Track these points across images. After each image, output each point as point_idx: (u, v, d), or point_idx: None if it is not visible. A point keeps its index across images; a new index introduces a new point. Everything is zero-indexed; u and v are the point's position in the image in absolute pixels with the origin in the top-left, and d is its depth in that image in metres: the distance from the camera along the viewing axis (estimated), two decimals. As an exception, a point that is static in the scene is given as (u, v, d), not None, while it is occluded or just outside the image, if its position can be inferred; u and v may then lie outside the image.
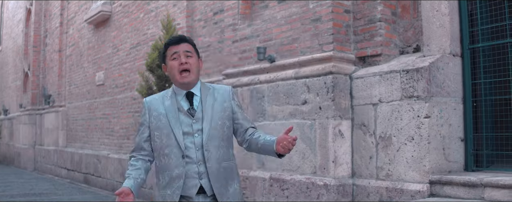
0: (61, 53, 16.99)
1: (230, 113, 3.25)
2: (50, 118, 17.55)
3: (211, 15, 9.11)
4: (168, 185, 3.12)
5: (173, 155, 3.12)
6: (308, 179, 6.13)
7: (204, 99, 3.20)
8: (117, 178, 11.88)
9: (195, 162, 3.10)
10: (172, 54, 3.18)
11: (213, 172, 3.10)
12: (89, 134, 14.52)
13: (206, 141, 3.12)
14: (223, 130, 3.20)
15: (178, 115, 3.16)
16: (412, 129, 5.36)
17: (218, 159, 3.14)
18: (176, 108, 3.18)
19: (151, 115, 3.22)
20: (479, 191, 4.86)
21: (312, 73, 6.24)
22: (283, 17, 6.90)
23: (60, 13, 16.99)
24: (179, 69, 3.15)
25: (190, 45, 3.24)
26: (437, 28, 5.62)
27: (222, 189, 3.13)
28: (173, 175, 3.10)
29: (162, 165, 3.16)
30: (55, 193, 11.87)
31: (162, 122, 3.16)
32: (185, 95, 3.21)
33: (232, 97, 3.29)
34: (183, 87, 3.21)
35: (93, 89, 14.37)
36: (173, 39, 3.26)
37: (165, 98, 3.23)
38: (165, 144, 3.15)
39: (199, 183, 3.10)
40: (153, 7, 11.11)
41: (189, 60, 3.17)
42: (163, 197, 3.15)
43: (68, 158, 15.50)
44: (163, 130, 3.15)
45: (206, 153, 3.11)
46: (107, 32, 13.61)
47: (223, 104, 3.23)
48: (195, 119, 3.15)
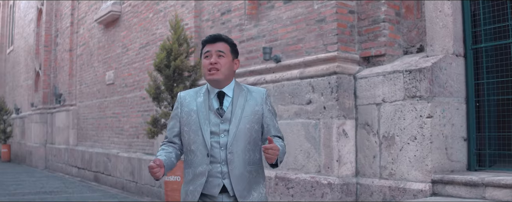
0: (71, 53, 17.16)
1: (260, 116, 3.20)
2: (61, 117, 17.72)
3: (218, 15, 9.19)
4: (191, 182, 3.13)
5: (199, 152, 3.12)
6: (312, 178, 6.20)
7: (235, 100, 3.17)
8: (127, 176, 12.00)
9: (219, 161, 3.09)
10: (205, 53, 3.18)
11: (235, 174, 3.09)
12: (99, 132, 14.66)
13: (231, 142, 3.10)
14: (251, 133, 3.16)
15: (208, 113, 3.15)
16: (415, 128, 5.41)
17: (243, 162, 3.12)
18: (207, 105, 3.17)
19: (183, 110, 3.22)
20: (480, 191, 4.90)
21: (316, 73, 6.30)
22: (288, 17, 6.97)
23: (71, 13, 17.16)
24: (208, 68, 3.14)
25: (227, 44, 3.21)
26: (440, 29, 5.66)
27: (245, 192, 3.12)
28: (197, 172, 3.11)
29: (188, 161, 3.18)
30: (65, 191, 12.01)
31: (192, 118, 3.16)
32: (217, 95, 3.19)
33: (265, 101, 3.24)
34: (213, 86, 3.19)
35: (103, 89, 14.50)
36: (210, 37, 3.23)
37: (199, 94, 3.22)
38: (192, 140, 3.15)
39: (222, 182, 3.09)
40: (162, 7, 11.21)
41: (220, 60, 3.14)
42: (186, 193, 3.16)
43: (78, 157, 15.65)
44: (192, 126, 3.16)
45: (230, 155, 3.09)
46: (116, 32, 13.73)
47: (254, 107, 3.19)
48: (223, 119, 3.14)
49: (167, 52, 8.60)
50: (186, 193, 3.16)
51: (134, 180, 11.67)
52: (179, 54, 8.53)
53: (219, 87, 3.18)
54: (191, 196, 3.12)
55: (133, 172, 11.68)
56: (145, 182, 11.05)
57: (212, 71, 3.13)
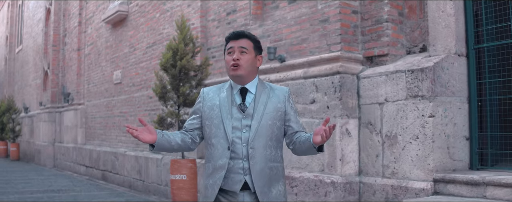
0: (79, 52, 17.28)
1: (282, 114, 3.22)
2: (69, 116, 17.85)
3: (224, 15, 9.26)
4: (211, 175, 3.15)
5: (220, 145, 3.13)
6: (316, 177, 6.26)
7: (258, 97, 3.19)
8: (134, 175, 12.09)
9: (240, 157, 3.10)
10: (228, 49, 3.20)
11: (256, 170, 3.09)
12: (107, 131, 14.76)
13: (252, 138, 3.11)
14: (273, 129, 3.17)
15: (231, 108, 3.17)
16: (417, 128, 5.46)
17: (264, 158, 3.13)
18: (230, 100, 3.19)
19: (206, 104, 3.23)
20: (481, 190, 4.95)
21: (320, 73, 6.36)
22: (293, 17, 7.03)
23: (79, 13, 17.27)
24: (230, 64, 3.15)
25: (250, 41, 3.22)
26: (442, 29, 5.70)
27: (265, 189, 3.11)
28: (217, 165, 3.12)
29: (208, 154, 3.21)
30: (73, 190, 12.11)
31: (214, 112, 3.18)
32: (239, 91, 3.21)
33: (288, 99, 3.26)
34: (236, 81, 3.21)
35: (111, 88, 14.60)
36: (233, 34, 3.25)
37: (222, 90, 3.24)
38: (214, 134, 3.16)
39: (243, 178, 3.10)
40: (169, 7, 11.29)
41: (242, 56, 3.15)
42: (206, 187, 3.18)
43: (86, 155, 15.76)
44: (214, 120, 3.17)
45: (251, 150, 3.10)
46: (124, 31, 13.83)
47: (277, 104, 3.21)
48: (245, 115, 3.15)
49: (173, 52, 8.67)
50: (205, 186, 3.17)
51: (141, 178, 11.76)
52: (185, 54, 8.61)
53: (242, 84, 3.20)
54: (210, 190, 3.13)
55: (140, 171, 11.78)
56: (152, 181, 11.13)
57: (235, 67, 3.14)
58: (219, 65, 9.29)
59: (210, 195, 3.13)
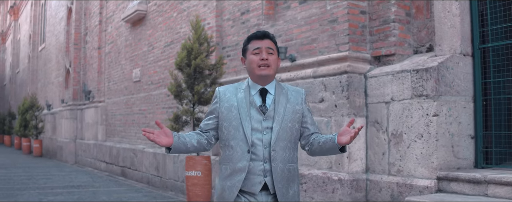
0: (100, 51, 17.59)
1: (300, 116, 3.22)
2: (90, 113, 18.17)
3: (239, 15, 9.41)
4: (229, 177, 3.12)
5: (239, 147, 3.11)
6: (324, 174, 6.39)
7: (278, 98, 3.18)
8: (152, 171, 12.32)
9: (261, 159, 3.08)
10: (254, 49, 3.15)
11: (277, 171, 3.09)
12: (127, 128, 15.02)
13: (274, 141, 3.10)
14: (292, 131, 3.18)
15: (249, 109, 3.14)
16: (421, 126, 5.56)
17: (284, 160, 3.12)
18: (249, 101, 3.16)
19: (223, 105, 3.19)
20: (483, 188, 5.04)
21: (328, 73, 6.49)
22: (303, 18, 7.15)
23: (99, 12, 17.57)
24: (258, 63, 3.12)
25: (272, 42, 3.21)
26: (448, 29, 5.79)
27: (284, 190, 3.12)
28: (236, 167, 3.10)
29: (226, 156, 3.17)
30: (92, 185, 12.38)
31: (233, 113, 3.15)
32: (259, 91, 3.19)
33: (304, 101, 3.27)
34: (259, 82, 3.18)
35: (130, 86, 14.85)
36: (258, 33, 3.22)
37: (239, 90, 3.21)
38: (232, 135, 3.14)
39: (263, 180, 3.09)
40: (185, 7, 11.48)
41: (270, 57, 3.15)
42: (223, 188, 3.15)
43: (106, 152, 16.05)
44: (232, 122, 3.14)
45: (273, 153, 3.09)
46: (143, 30, 14.06)
47: (295, 106, 3.20)
48: (266, 117, 3.14)
49: (188, 51, 8.85)
50: (223, 188, 3.15)
51: (159, 174, 11.98)
52: (199, 53, 8.78)
53: (264, 84, 3.19)
54: (228, 192, 3.12)
55: (158, 167, 12.00)
56: (169, 177, 11.34)
57: (263, 67, 3.12)
58: (234, 64, 9.45)
59: (229, 197, 3.12)
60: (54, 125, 23.42)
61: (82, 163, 18.58)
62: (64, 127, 20.87)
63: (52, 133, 23.81)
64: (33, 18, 30.68)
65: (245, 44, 3.25)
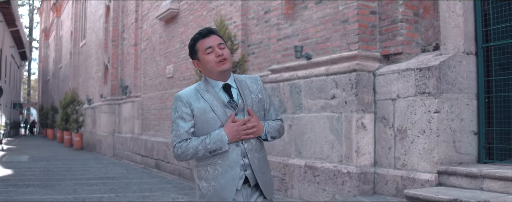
0: (136, 47, 18.15)
1: (263, 103, 3.23)
2: (127, 108, 18.79)
3: (262, 14, 9.76)
4: (222, 175, 3.07)
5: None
6: (335, 167, 6.70)
7: (242, 91, 3.16)
8: (183, 163, 12.78)
9: (240, 154, 3.09)
10: (206, 48, 3.09)
11: (255, 162, 3.11)
12: (161, 122, 15.53)
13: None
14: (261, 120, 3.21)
15: (222, 107, 3.09)
16: (424, 122, 5.81)
17: (257, 150, 3.15)
18: (218, 99, 3.10)
19: (193, 108, 3.09)
20: (479, 182, 5.27)
21: (339, 71, 6.78)
22: (318, 17, 7.46)
23: (135, 10, 18.13)
24: (216, 60, 3.07)
25: (218, 36, 3.17)
26: (452, 28, 6.01)
27: (263, 178, 3.14)
28: (227, 165, 3.06)
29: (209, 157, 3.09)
30: (126, 177, 12.93)
31: (208, 115, 3.08)
32: (222, 88, 3.14)
33: (262, 87, 3.26)
34: (220, 78, 3.13)
35: (164, 81, 15.35)
36: (202, 32, 3.15)
37: (202, 92, 3.12)
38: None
39: (244, 174, 3.10)
40: (214, 6, 11.87)
41: (224, 51, 3.10)
42: (216, 188, 3.08)
43: (142, 145, 16.62)
44: (209, 122, 3.08)
45: (247, 145, 3.10)
46: (175, 28, 14.53)
47: (258, 95, 3.20)
48: (237, 111, 3.11)
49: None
50: (215, 188, 3.08)
51: (189, 167, 12.44)
52: (223, 51, 9.14)
53: (224, 80, 3.14)
54: (225, 190, 3.07)
55: (189, 160, 12.43)
56: (197, 170, 11.76)
57: (222, 62, 3.07)
58: (258, 61, 9.81)
59: (227, 195, 3.08)
60: (94, 119, 24.20)
61: (120, 156, 19.23)
62: (103, 121, 21.60)
63: (92, 126, 24.60)
64: (74, 15, 31.60)
65: (192, 47, 3.17)
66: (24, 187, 10.65)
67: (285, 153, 7.70)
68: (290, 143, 7.69)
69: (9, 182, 11.42)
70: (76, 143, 25.41)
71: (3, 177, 12.68)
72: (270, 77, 8.36)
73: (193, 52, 3.18)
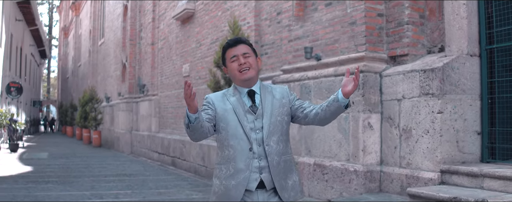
0: (153, 46, 18.46)
1: (288, 108, 3.32)
2: (144, 106, 19.11)
3: (275, 15, 9.98)
4: (233, 176, 3.18)
5: (240, 147, 3.19)
6: (342, 165, 6.89)
7: (264, 97, 3.28)
8: (198, 161, 13.05)
9: (256, 157, 3.18)
10: (231, 58, 3.26)
11: (274, 165, 3.18)
12: (177, 120, 15.80)
13: (266, 136, 3.20)
14: (282, 125, 3.28)
15: (244, 110, 3.24)
16: (428, 123, 5.98)
17: (278, 153, 3.22)
18: (241, 103, 3.26)
19: (217, 107, 3.26)
20: (479, 181, 5.44)
21: (347, 71, 6.96)
22: (327, 19, 7.64)
23: (152, 10, 18.44)
24: (238, 69, 3.23)
25: (247, 46, 3.31)
26: (456, 30, 6.17)
27: (282, 182, 3.21)
28: (239, 166, 3.17)
29: (225, 155, 3.23)
30: (143, 174, 13.22)
31: (229, 114, 3.23)
32: (247, 93, 3.29)
33: (290, 93, 3.39)
34: (244, 85, 3.29)
35: (180, 80, 15.62)
36: (230, 42, 3.33)
37: (228, 95, 3.30)
38: (231, 135, 3.21)
39: (259, 177, 3.17)
40: (228, 6, 12.11)
41: (248, 60, 3.24)
42: (227, 188, 3.19)
43: (159, 143, 16.92)
44: (230, 122, 3.22)
45: (267, 148, 3.19)
46: (191, 28, 14.79)
47: (281, 100, 3.31)
48: (257, 116, 3.23)
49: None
50: (227, 187, 3.19)
51: (204, 164, 12.70)
52: (236, 51, 9.38)
53: (249, 87, 3.29)
54: (234, 191, 3.17)
55: (204, 157, 12.71)
56: (213, 167, 12.00)
57: (245, 71, 3.23)
58: (271, 61, 10.02)
59: (236, 196, 3.18)
60: (112, 117, 24.58)
61: (137, 153, 19.56)
62: (121, 119, 21.96)
63: (110, 124, 24.99)
64: (93, 14, 32.05)
65: (222, 55, 3.37)
66: (43, 183, 10.98)
67: (296, 151, 7.90)
68: (300, 141, 7.89)
69: (28, 179, 11.77)
70: (95, 140, 25.82)
71: (23, 173, 13.06)
72: (282, 78, 8.56)
73: (223, 60, 3.38)
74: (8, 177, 12.15)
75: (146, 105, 18.93)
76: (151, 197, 9.32)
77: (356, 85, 3.07)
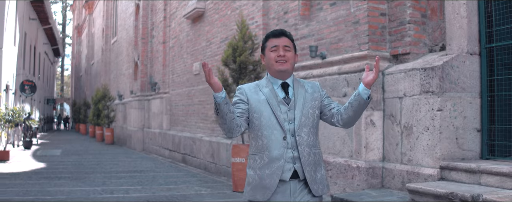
0: (165, 45, 18.68)
1: (319, 102, 3.38)
2: (156, 104, 19.34)
3: (282, 14, 10.13)
4: (267, 165, 3.22)
5: (274, 136, 3.24)
6: (345, 162, 7.05)
7: (296, 89, 3.34)
8: (208, 158, 13.25)
9: (289, 147, 3.23)
10: (272, 47, 3.32)
11: (304, 156, 3.23)
12: (188, 118, 16.02)
13: (298, 127, 3.25)
14: (313, 117, 3.34)
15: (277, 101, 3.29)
16: (428, 120, 6.12)
17: (309, 145, 3.27)
18: (275, 94, 3.31)
19: (250, 98, 3.31)
20: (477, 177, 5.57)
21: (350, 70, 7.12)
22: (332, 19, 7.80)
23: (164, 9, 18.65)
24: (276, 59, 3.29)
25: (289, 40, 3.37)
26: (457, 30, 6.30)
27: (312, 173, 3.26)
28: (273, 155, 3.21)
29: (259, 145, 3.28)
30: (154, 170, 13.44)
31: (263, 105, 3.28)
32: (281, 85, 3.35)
33: (320, 89, 3.45)
34: (278, 77, 3.34)
35: (191, 78, 15.82)
36: (275, 32, 3.39)
37: (261, 86, 3.36)
38: (265, 125, 3.27)
39: (293, 167, 3.22)
40: (237, 6, 12.27)
41: (287, 53, 3.30)
42: (261, 177, 3.22)
43: (170, 140, 17.14)
44: (263, 113, 3.27)
45: (299, 138, 3.24)
46: (201, 26, 14.97)
47: (313, 94, 3.37)
48: (290, 107, 3.28)
49: (233, 49, 9.66)
50: (261, 177, 3.22)
51: (214, 161, 12.89)
52: (243, 50, 9.57)
53: (284, 79, 3.35)
54: (269, 180, 3.21)
55: (213, 154, 12.90)
56: (222, 164, 12.22)
57: (281, 62, 3.29)
58: (278, 59, 10.17)
59: (270, 185, 3.21)
60: (124, 114, 24.85)
61: (149, 151, 19.81)
62: (133, 116, 22.22)
63: (123, 121, 25.27)
64: (105, 12, 32.35)
65: (263, 42, 3.42)
66: (56, 179, 11.23)
67: (301, 148, 8.06)
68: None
69: (41, 175, 12.03)
70: (107, 137, 26.13)
71: (37, 169, 13.33)
72: (288, 76, 8.71)
73: (262, 47, 3.44)
74: (22, 173, 12.42)
75: (157, 103, 19.16)
76: (161, 192, 9.52)
77: (377, 74, 3.16)
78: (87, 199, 8.66)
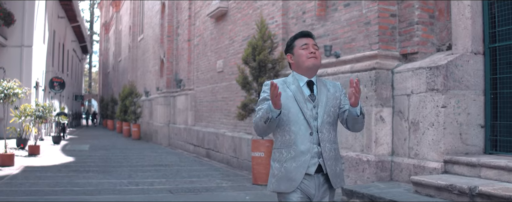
0: (189, 43, 19.16)
1: (339, 101, 3.52)
2: (181, 100, 19.85)
3: (300, 14, 10.49)
4: (294, 159, 3.36)
5: (301, 131, 3.38)
6: (357, 156, 7.42)
7: (320, 88, 3.49)
8: (230, 153, 13.69)
9: (315, 142, 3.37)
10: (302, 45, 3.48)
11: (326, 151, 3.39)
12: (212, 114, 16.46)
13: (320, 124, 3.39)
14: (334, 115, 3.49)
15: (304, 99, 3.43)
16: (433, 116, 6.47)
17: (330, 141, 3.43)
18: (302, 92, 3.45)
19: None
20: (477, 170, 5.91)
21: (362, 68, 7.49)
22: (346, 19, 8.16)
23: (189, 7, 19.13)
24: (307, 56, 3.44)
25: (315, 41, 3.57)
26: (462, 30, 6.62)
27: (333, 168, 3.42)
28: (301, 150, 3.36)
29: (286, 140, 3.42)
30: (178, 165, 13.94)
31: (290, 101, 3.41)
32: (306, 83, 3.48)
33: (341, 89, 3.59)
34: (306, 74, 3.49)
35: (215, 76, 16.26)
36: (304, 32, 3.57)
37: (288, 83, 3.49)
38: (293, 121, 3.40)
39: (318, 161, 3.37)
40: (259, 5, 12.67)
41: (317, 52, 3.49)
42: (287, 169, 3.37)
43: (194, 135, 17.63)
44: (291, 109, 3.40)
45: (321, 135, 3.38)
46: (224, 25, 15.41)
47: (335, 93, 3.52)
48: (315, 104, 3.42)
49: (253, 48, 10.07)
50: (288, 170, 3.38)
51: (236, 156, 13.33)
52: (263, 49, 9.98)
53: (310, 76, 3.50)
54: (295, 173, 3.36)
55: (235, 149, 13.34)
56: (244, 158, 12.65)
57: (312, 58, 3.46)
58: (297, 58, 10.55)
59: (296, 178, 3.36)
60: (151, 110, 25.45)
61: (174, 146, 20.34)
62: (159, 112, 22.78)
63: (149, 117, 25.87)
64: (132, 10, 32.95)
65: (291, 42, 3.59)
66: (84, 172, 11.78)
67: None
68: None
69: (70, 168, 12.60)
70: (134, 133, 26.74)
71: (66, 163, 13.93)
72: (305, 74, 9.09)
73: (289, 47, 3.60)
74: (52, 166, 13.01)
75: (182, 99, 19.66)
76: (183, 185, 9.98)
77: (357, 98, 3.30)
78: (114, 190, 9.16)
